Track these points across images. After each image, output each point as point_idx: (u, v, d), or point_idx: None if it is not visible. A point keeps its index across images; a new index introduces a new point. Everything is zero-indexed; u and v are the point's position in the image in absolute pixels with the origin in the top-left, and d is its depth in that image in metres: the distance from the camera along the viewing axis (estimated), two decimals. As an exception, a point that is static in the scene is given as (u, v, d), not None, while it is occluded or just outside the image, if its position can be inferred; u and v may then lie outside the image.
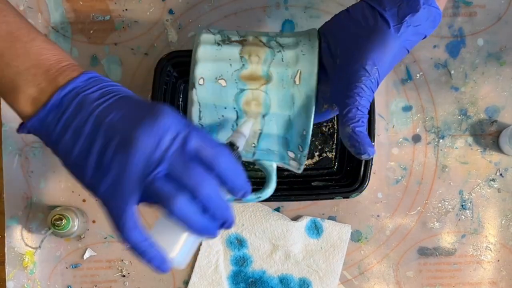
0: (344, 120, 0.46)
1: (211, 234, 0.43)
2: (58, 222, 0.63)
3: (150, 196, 0.41)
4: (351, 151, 0.47)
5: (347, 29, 0.49)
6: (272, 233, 0.67)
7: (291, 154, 0.52)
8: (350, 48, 0.48)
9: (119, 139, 0.40)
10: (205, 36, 0.52)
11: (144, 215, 0.68)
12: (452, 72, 0.68)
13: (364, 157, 0.47)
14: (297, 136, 0.50)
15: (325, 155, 0.68)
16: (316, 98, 0.50)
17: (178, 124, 0.41)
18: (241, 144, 0.48)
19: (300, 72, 0.49)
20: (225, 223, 0.44)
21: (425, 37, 0.49)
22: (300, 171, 0.55)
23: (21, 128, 0.44)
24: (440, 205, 0.68)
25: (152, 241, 0.42)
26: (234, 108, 0.50)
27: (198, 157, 0.41)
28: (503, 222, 0.68)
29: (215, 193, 0.42)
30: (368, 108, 0.47)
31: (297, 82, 0.49)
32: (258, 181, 0.67)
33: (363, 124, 0.46)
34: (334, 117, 0.67)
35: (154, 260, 0.41)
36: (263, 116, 0.50)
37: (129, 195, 0.40)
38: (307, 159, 0.68)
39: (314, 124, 0.50)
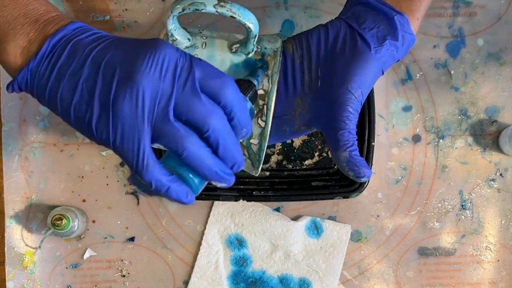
0: (339, 145, 0.47)
1: (224, 178, 0.41)
2: (58, 222, 0.63)
3: (159, 137, 0.39)
4: (349, 175, 0.47)
5: (327, 48, 0.49)
6: (272, 233, 0.67)
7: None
8: (331, 71, 0.48)
9: (120, 75, 0.38)
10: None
11: (144, 216, 0.68)
12: (452, 72, 0.68)
13: (363, 179, 0.47)
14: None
15: (325, 155, 0.68)
16: (291, 120, 0.50)
17: (179, 55, 0.39)
18: (258, 83, 0.47)
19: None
20: (235, 165, 0.41)
21: (397, 61, 0.50)
22: (255, 174, 0.53)
23: (11, 85, 0.41)
24: (440, 205, 0.68)
25: (173, 175, 0.40)
26: None
27: (204, 88, 0.39)
28: (503, 222, 0.68)
29: (225, 126, 0.39)
30: (355, 128, 0.47)
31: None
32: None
33: (356, 147, 0.47)
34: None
35: (181, 193, 0.40)
36: None
37: (143, 132, 0.38)
38: (307, 159, 0.68)
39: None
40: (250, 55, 0.50)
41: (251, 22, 0.47)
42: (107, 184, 0.68)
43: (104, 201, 0.68)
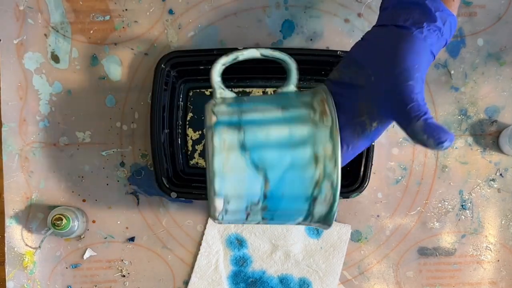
0: (411, 118, 0.45)
1: None
2: (58, 222, 0.63)
3: None
4: (429, 144, 0.44)
5: (372, 49, 0.49)
6: (272, 233, 0.67)
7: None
8: (382, 60, 0.48)
9: None
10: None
11: (144, 216, 0.68)
12: (452, 72, 0.68)
13: (446, 144, 0.44)
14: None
15: (325, 155, 0.68)
16: (361, 123, 0.49)
17: None
18: None
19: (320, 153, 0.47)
20: None
21: (446, 43, 0.49)
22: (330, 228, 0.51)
23: None
24: (440, 205, 0.68)
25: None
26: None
27: None
28: (503, 222, 0.68)
29: None
30: (426, 104, 0.46)
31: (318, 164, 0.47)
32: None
33: (431, 115, 0.45)
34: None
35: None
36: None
37: None
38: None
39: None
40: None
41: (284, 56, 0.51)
42: (107, 184, 0.68)
43: (104, 201, 0.68)
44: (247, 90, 0.68)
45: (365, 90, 0.49)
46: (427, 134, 0.44)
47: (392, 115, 0.48)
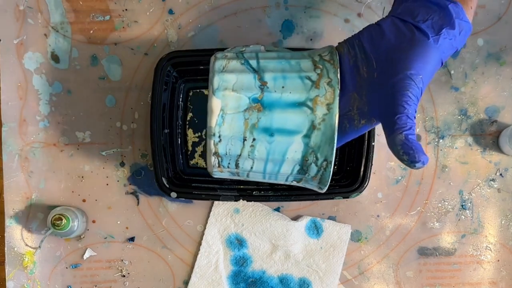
0: (394, 128, 0.45)
1: None
2: (58, 222, 0.63)
3: None
4: (403, 160, 0.45)
5: (381, 42, 0.48)
6: (272, 233, 0.67)
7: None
8: (390, 60, 0.47)
9: None
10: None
11: (144, 216, 0.68)
12: (452, 72, 0.68)
13: (418, 165, 0.45)
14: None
15: (325, 155, 0.68)
16: (350, 117, 0.50)
17: None
18: None
19: (321, 98, 0.49)
20: None
21: (457, 50, 0.49)
22: (323, 191, 0.54)
23: None
24: (440, 205, 0.68)
25: None
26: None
27: None
28: (503, 222, 0.68)
29: None
30: (415, 116, 0.46)
31: (318, 110, 0.49)
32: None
33: (414, 132, 0.45)
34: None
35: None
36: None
37: None
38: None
39: None
40: None
41: None
42: (107, 184, 0.68)
43: (104, 201, 0.68)
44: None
45: (364, 82, 0.49)
46: (403, 150, 0.45)
47: (380, 117, 0.48)
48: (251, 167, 0.52)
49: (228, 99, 0.49)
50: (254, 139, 0.49)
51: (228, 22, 0.68)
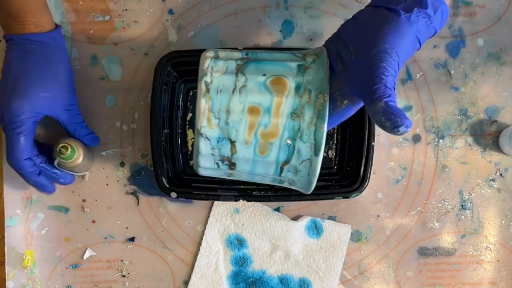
0: (374, 97, 0.45)
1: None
2: (63, 150, 0.62)
3: None
4: (386, 127, 0.45)
5: (356, 28, 0.50)
6: (272, 233, 0.67)
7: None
8: (364, 39, 0.48)
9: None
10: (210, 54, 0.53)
11: (144, 216, 0.68)
12: (452, 72, 0.68)
13: (402, 129, 0.44)
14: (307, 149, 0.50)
15: (325, 155, 0.68)
16: (333, 99, 0.50)
17: None
18: None
19: (310, 89, 0.50)
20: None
21: (436, 32, 0.50)
22: (308, 191, 0.54)
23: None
24: (440, 205, 0.68)
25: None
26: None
27: None
28: (503, 222, 0.68)
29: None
30: (395, 87, 0.46)
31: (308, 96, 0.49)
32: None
33: (394, 99, 0.45)
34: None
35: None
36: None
37: None
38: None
39: None
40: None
41: None
42: (107, 184, 0.68)
43: (104, 201, 0.68)
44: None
45: (344, 67, 0.50)
46: (385, 116, 0.45)
47: (359, 92, 0.48)
48: (240, 119, 0.50)
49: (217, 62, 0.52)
50: (246, 79, 0.50)
51: (228, 22, 0.68)
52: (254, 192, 0.66)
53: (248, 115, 0.49)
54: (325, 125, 0.49)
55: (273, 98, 0.49)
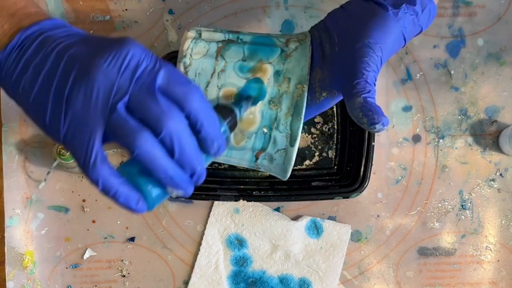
0: (353, 92, 0.45)
1: (180, 185, 0.38)
2: (63, 151, 0.62)
3: (112, 132, 0.37)
4: (363, 123, 0.44)
5: (342, 20, 0.49)
6: (272, 233, 0.67)
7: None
8: (350, 32, 0.48)
9: (78, 68, 0.37)
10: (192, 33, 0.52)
11: (144, 216, 0.68)
12: (452, 72, 0.68)
13: (378, 127, 0.44)
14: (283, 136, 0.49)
15: (325, 155, 0.68)
16: (312, 90, 0.50)
17: (146, 54, 0.38)
18: (240, 112, 0.46)
19: (290, 77, 0.49)
20: (194, 174, 0.39)
21: (421, 30, 0.49)
22: (285, 178, 0.53)
23: None
24: (440, 205, 0.68)
25: (124, 179, 0.38)
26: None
27: (167, 92, 0.37)
28: (503, 222, 0.68)
29: (183, 130, 0.37)
30: (375, 84, 0.46)
31: (288, 84, 0.49)
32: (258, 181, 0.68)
33: (374, 96, 0.45)
34: (335, 117, 0.67)
35: (131, 199, 0.38)
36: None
37: (93, 127, 0.36)
38: (307, 159, 0.68)
39: (314, 124, 0.50)
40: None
41: None
42: (107, 184, 0.68)
43: (104, 201, 0.68)
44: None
45: (326, 58, 0.50)
46: (362, 112, 0.44)
47: (339, 85, 0.48)
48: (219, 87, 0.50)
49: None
50: (225, 63, 0.49)
51: (228, 22, 0.68)
52: (254, 192, 0.66)
53: (224, 101, 0.49)
54: (302, 117, 0.49)
55: None
